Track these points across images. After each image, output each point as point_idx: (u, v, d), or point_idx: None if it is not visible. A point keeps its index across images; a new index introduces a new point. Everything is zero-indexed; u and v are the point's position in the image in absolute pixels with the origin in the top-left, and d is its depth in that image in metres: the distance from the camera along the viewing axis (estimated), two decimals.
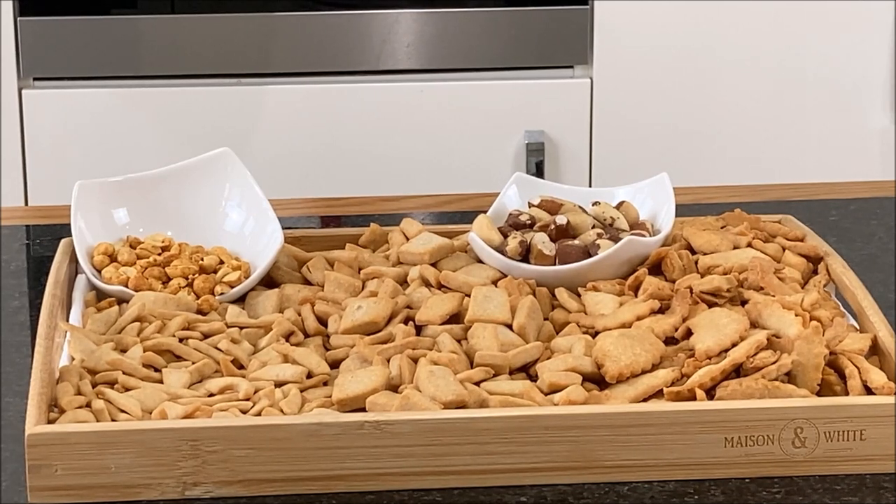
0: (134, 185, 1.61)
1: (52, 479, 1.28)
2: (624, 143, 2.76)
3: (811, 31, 2.74)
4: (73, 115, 2.71)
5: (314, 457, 1.29)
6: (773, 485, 1.31)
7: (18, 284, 1.64)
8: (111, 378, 1.37)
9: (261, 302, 1.50)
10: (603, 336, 1.40)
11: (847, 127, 2.78)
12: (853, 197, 1.82)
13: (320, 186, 2.68)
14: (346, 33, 2.72)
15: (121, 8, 2.71)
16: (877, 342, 1.40)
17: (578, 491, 1.30)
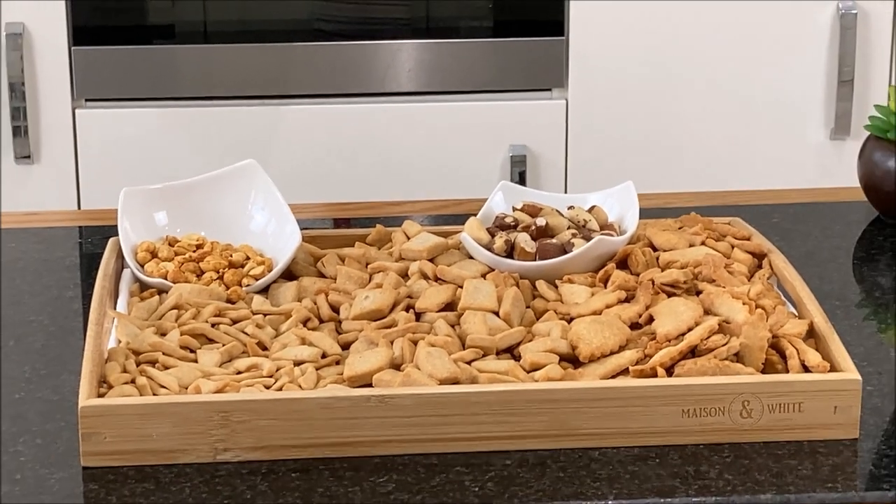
0: (172, 192, 1.61)
1: (101, 446, 1.29)
2: (595, 156, 2.76)
3: (758, 61, 2.74)
4: (120, 131, 2.71)
5: (328, 426, 1.30)
6: (724, 450, 1.31)
7: (72, 277, 1.64)
8: (153, 358, 1.37)
9: (282, 292, 1.50)
10: (577, 322, 1.40)
11: (788, 142, 2.78)
12: (793, 202, 1.82)
13: (332, 192, 2.68)
14: (355, 60, 2.72)
15: (160, 38, 2.71)
16: (813, 327, 1.40)
17: (556, 455, 1.31)
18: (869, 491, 1.26)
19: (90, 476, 1.28)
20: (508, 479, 1.27)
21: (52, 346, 1.49)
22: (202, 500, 1.25)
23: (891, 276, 1.65)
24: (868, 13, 2.74)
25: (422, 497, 1.25)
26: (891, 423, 1.36)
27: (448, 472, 1.28)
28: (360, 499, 1.25)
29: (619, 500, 1.25)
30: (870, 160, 1.77)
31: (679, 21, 2.72)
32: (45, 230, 1.74)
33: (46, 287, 1.61)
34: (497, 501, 1.25)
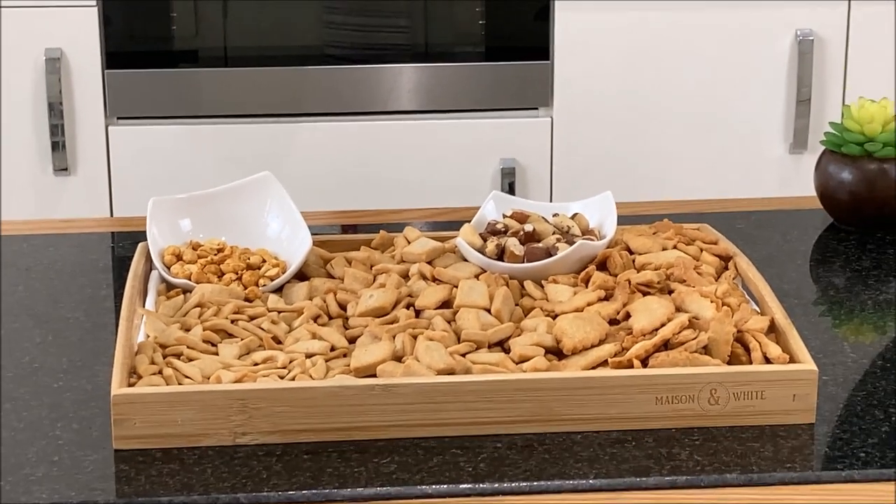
0: (196, 201, 1.61)
1: (131, 430, 1.28)
2: (577, 168, 2.76)
3: (725, 82, 2.75)
4: (148, 146, 2.71)
5: (336, 412, 1.30)
6: (694, 434, 1.31)
7: (105, 278, 1.64)
8: (178, 351, 1.37)
9: (294, 292, 1.50)
10: (561, 318, 1.40)
11: (751, 155, 2.78)
12: (755, 210, 1.82)
13: (340, 201, 2.68)
14: (360, 82, 2.72)
15: (185, 62, 2.71)
16: (774, 322, 1.40)
17: (541, 439, 1.31)
18: (824, 471, 1.26)
19: (121, 458, 1.28)
20: (499, 460, 1.27)
21: (87, 340, 1.49)
22: (223, 479, 1.25)
23: (844, 276, 1.65)
24: (823, 39, 2.74)
25: (421, 476, 1.25)
26: (844, 410, 1.36)
27: (444, 454, 1.28)
28: (365, 478, 1.25)
29: (598, 479, 1.25)
30: (825, 172, 1.77)
31: (653, 46, 2.72)
32: (81, 236, 1.74)
33: (82, 287, 1.61)
34: (488, 480, 1.25)
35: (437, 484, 1.24)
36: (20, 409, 1.35)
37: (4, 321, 1.52)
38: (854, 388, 1.40)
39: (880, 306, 1.57)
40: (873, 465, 1.27)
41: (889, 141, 1.74)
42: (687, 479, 1.25)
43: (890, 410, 1.35)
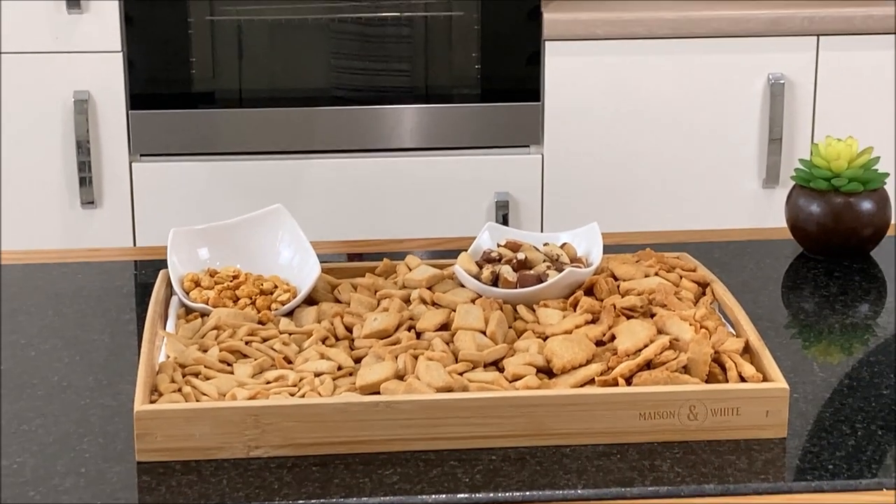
0: (213, 231, 1.61)
1: (153, 444, 1.28)
2: (566, 201, 2.76)
3: (702, 122, 2.75)
4: (169, 181, 2.71)
5: (342, 427, 1.29)
6: (674, 447, 1.31)
7: (128, 303, 1.64)
8: (196, 370, 1.37)
9: (304, 315, 1.50)
10: (551, 339, 1.40)
11: (727, 190, 2.79)
12: (731, 240, 1.83)
13: (347, 231, 2.68)
14: (365, 122, 2.72)
15: (203, 103, 2.72)
16: (748, 344, 1.40)
17: (533, 452, 1.30)
18: (796, 482, 1.26)
19: (143, 469, 1.27)
20: (494, 472, 1.27)
21: (111, 360, 1.49)
22: (237, 489, 1.25)
23: (813, 302, 1.65)
24: (793, 82, 2.74)
25: (421, 486, 1.25)
26: (814, 425, 1.36)
27: (443, 466, 1.28)
28: (369, 488, 1.25)
29: (586, 489, 1.25)
30: (795, 205, 1.77)
31: (636, 88, 2.73)
32: (106, 264, 1.74)
33: (107, 311, 1.61)
34: (484, 491, 1.25)
35: (436, 494, 1.24)
36: (50, 425, 1.35)
37: (36, 343, 1.52)
38: (823, 405, 1.40)
39: (847, 329, 1.57)
40: (841, 476, 1.27)
41: (854, 177, 1.74)
42: (668, 489, 1.25)
43: (857, 426, 1.35)
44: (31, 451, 1.30)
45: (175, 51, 2.68)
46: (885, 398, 1.40)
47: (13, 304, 1.61)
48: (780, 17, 2.71)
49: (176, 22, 2.67)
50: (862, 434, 1.34)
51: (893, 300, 1.65)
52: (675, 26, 2.70)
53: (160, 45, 2.67)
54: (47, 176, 2.70)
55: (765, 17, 2.71)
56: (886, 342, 1.53)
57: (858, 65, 2.74)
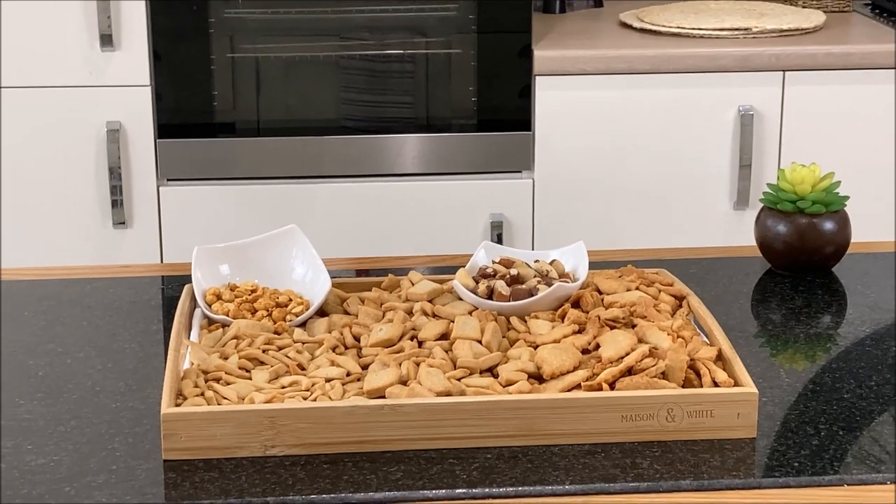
0: (233, 250, 1.61)
1: (178, 443, 1.28)
2: (555, 222, 2.76)
3: (679, 149, 2.75)
4: (193, 203, 2.71)
5: (351, 428, 1.29)
6: (654, 446, 1.31)
7: (156, 315, 1.64)
8: (217, 376, 1.37)
9: (316, 326, 1.50)
10: (541, 348, 1.40)
11: (702, 211, 2.79)
12: (705, 257, 1.83)
13: (355, 249, 2.68)
14: (372, 149, 2.72)
15: (224, 133, 2.72)
16: (721, 352, 1.40)
17: (525, 451, 1.30)
18: (764, 478, 1.26)
19: (169, 467, 1.27)
20: (489, 469, 1.27)
21: (140, 367, 1.49)
22: (255, 485, 1.25)
23: (780, 313, 1.65)
24: (762, 113, 2.75)
25: (423, 483, 1.25)
26: (781, 426, 1.36)
27: (443, 464, 1.28)
28: (375, 484, 1.25)
29: (573, 485, 1.25)
30: (764, 225, 1.77)
31: (619, 119, 2.73)
32: (135, 279, 1.75)
33: (136, 322, 1.61)
34: (480, 486, 1.24)
35: (436, 489, 1.24)
36: (84, 426, 1.35)
37: (72, 352, 1.52)
38: (789, 407, 1.40)
39: (811, 339, 1.57)
40: (806, 473, 1.27)
41: (817, 199, 1.74)
42: (648, 485, 1.25)
43: (820, 426, 1.35)
44: (66, 450, 1.30)
45: (199, 85, 2.68)
46: (846, 402, 1.40)
47: (51, 316, 1.61)
48: (750, 54, 2.71)
49: (200, 58, 2.67)
50: (825, 434, 1.34)
51: (853, 312, 1.65)
52: (655, 63, 2.70)
53: (185, 80, 2.68)
54: (82, 199, 2.70)
55: (735, 54, 2.71)
56: (847, 350, 1.53)
57: (821, 97, 2.75)
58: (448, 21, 2.71)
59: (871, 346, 1.54)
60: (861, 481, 1.26)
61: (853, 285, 1.72)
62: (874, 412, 1.38)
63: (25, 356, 1.50)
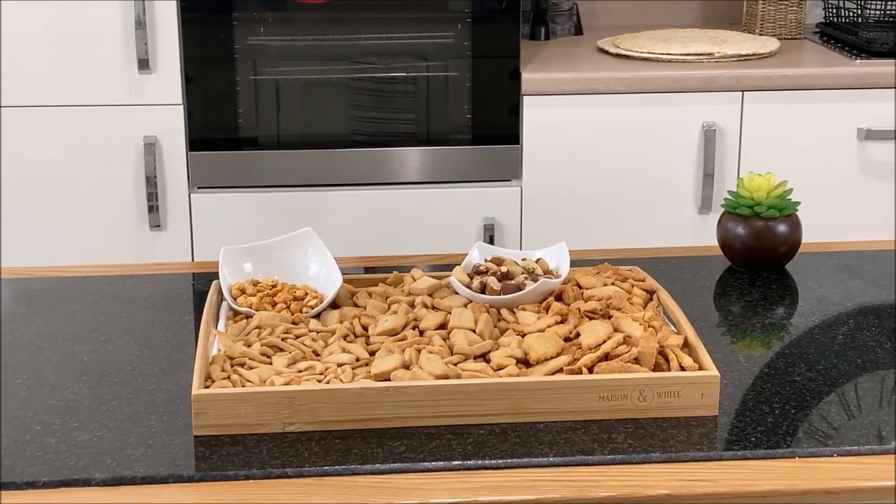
0: (255, 250, 1.61)
1: (206, 421, 1.28)
2: (540, 225, 2.76)
3: (651, 160, 2.75)
4: (221, 208, 2.71)
5: (360, 407, 1.29)
6: (627, 424, 1.31)
7: (187, 307, 1.64)
8: (242, 361, 1.37)
9: (329, 317, 1.50)
10: (528, 336, 1.40)
11: (670, 215, 2.79)
12: (673, 256, 1.83)
13: (364, 249, 2.68)
14: (378, 161, 2.72)
15: (248, 146, 2.72)
16: (687, 340, 1.40)
17: (513, 427, 1.30)
18: (725, 451, 1.26)
19: (199, 442, 1.27)
20: (482, 444, 1.27)
21: (174, 353, 1.49)
22: (275, 457, 1.24)
23: (739, 306, 1.65)
24: (723, 129, 2.75)
25: (423, 455, 1.25)
26: (740, 405, 1.36)
27: (441, 439, 1.28)
28: (381, 457, 1.25)
29: (556, 457, 1.25)
30: (725, 227, 1.77)
31: (597, 133, 2.73)
32: (170, 276, 1.75)
33: (170, 314, 1.61)
34: (474, 458, 1.24)
35: (435, 461, 1.24)
36: (124, 406, 1.35)
37: (113, 340, 1.52)
38: (747, 389, 1.40)
39: (766, 328, 1.57)
40: (762, 446, 1.27)
41: (772, 205, 1.74)
42: (622, 457, 1.25)
43: (774, 405, 1.35)
44: (108, 427, 1.30)
45: (225, 103, 2.68)
46: (797, 383, 1.40)
47: (94, 309, 1.61)
48: (713, 76, 2.72)
49: (226, 80, 2.67)
50: (779, 412, 1.34)
51: (804, 305, 1.65)
52: (628, 84, 2.70)
53: (213, 99, 2.67)
54: (122, 204, 2.70)
55: (700, 77, 2.71)
56: (798, 338, 1.53)
57: (775, 115, 2.75)
58: (446, 48, 2.71)
59: (819, 335, 1.54)
60: (810, 454, 1.26)
61: (804, 281, 1.72)
62: (822, 393, 1.38)
63: (72, 344, 1.50)
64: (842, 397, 1.37)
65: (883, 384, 1.40)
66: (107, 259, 2.69)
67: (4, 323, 1.56)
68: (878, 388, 1.39)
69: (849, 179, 2.79)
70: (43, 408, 1.34)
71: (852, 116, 2.76)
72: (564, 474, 1.23)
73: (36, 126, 2.65)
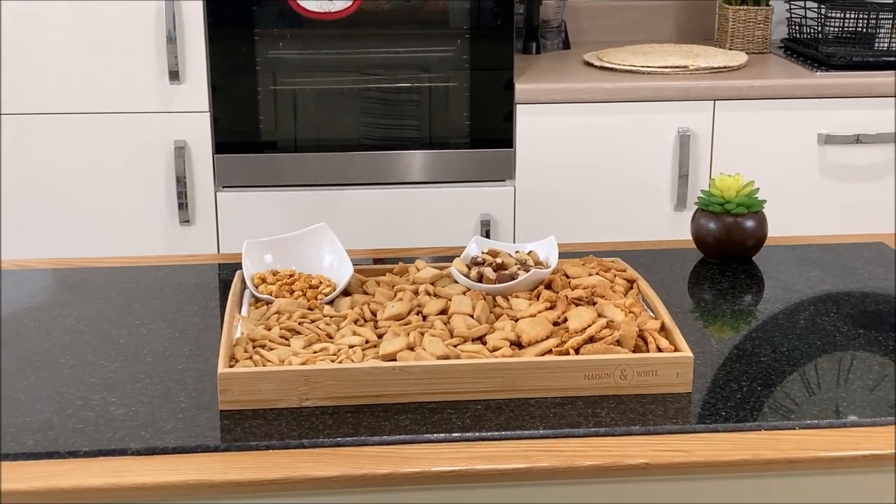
0: (275, 243, 1.61)
1: (231, 397, 1.28)
2: (531, 221, 2.76)
3: (631, 164, 2.75)
4: (244, 205, 2.71)
5: (370, 384, 1.29)
6: (610, 400, 1.31)
7: (214, 294, 1.65)
8: (262, 343, 1.37)
9: (341, 303, 1.50)
10: (521, 321, 1.40)
11: (649, 212, 2.79)
12: (652, 248, 1.83)
13: (372, 242, 2.68)
14: (386, 162, 2.72)
15: (268, 149, 2.71)
16: (664, 324, 1.40)
17: (507, 402, 1.30)
18: (698, 424, 1.26)
19: (224, 416, 1.27)
20: (479, 417, 1.27)
21: (202, 336, 1.49)
22: (292, 429, 1.25)
23: (710, 294, 1.65)
24: (697, 134, 2.74)
25: (426, 428, 1.25)
26: (711, 383, 1.36)
27: (442, 413, 1.28)
28: (388, 429, 1.25)
29: (546, 430, 1.25)
30: (698, 223, 1.77)
31: (584, 138, 2.73)
32: (198, 266, 1.75)
33: (198, 300, 1.61)
34: (472, 431, 1.24)
35: (436, 433, 1.24)
36: (156, 383, 1.35)
37: (147, 324, 1.52)
38: (718, 368, 1.40)
39: (735, 314, 1.57)
40: (731, 420, 1.27)
41: (740, 203, 1.74)
42: (605, 430, 1.25)
43: (742, 383, 1.35)
44: (142, 402, 1.30)
45: (248, 111, 2.68)
46: (763, 364, 1.41)
47: (130, 296, 1.61)
48: (688, 86, 2.71)
49: (248, 90, 2.67)
50: (746, 390, 1.34)
51: (769, 293, 1.65)
52: (611, 94, 2.70)
53: (237, 107, 2.67)
54: (154, 202, 2.69)
55: (676, 87, 2.71)
56: (764, 323, 1.53)
57: (744, 122, 2.75)
58: (447, 61, 2.71)
59: (783, 320, 1.54)
60: (775, 427, 1.26)
61: (769, 271, 1.72)
62: (785, 372, 1.38)
63: (110, 327, 1.50)
64: (803, 376, 1.37)
65: (840, 364, 1.40)
66: (141, 251, 2.69)
67: (48, 309, 1.56)
68: (836, 367, 1.39)
69: (810, 180, 2.79)
70: (84, 385, 1.34)
71: (813, 123, 2.75)
72: (553, 445, 1.23)
73: (77, 131, 2.65)
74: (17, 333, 1.48)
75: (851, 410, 1.29)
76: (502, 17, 2.68)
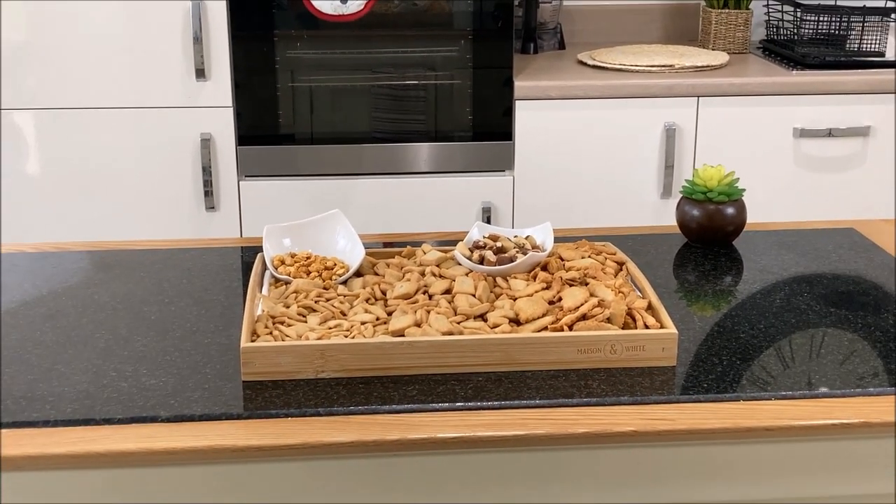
0: (294, 227, 1.61)
1: (253, 369, 1.29)
2: (528, 208, 2.76)
3: (621, 156, 2.74)
4: (265, 193, 2.71)
5: (380, 358, 1.30)
6: (601, 372, 1.31)
7: (237, 275, 1.65)
8: (281, 320, 1.37)
9: (354, 283, 1.50)
10: (519, 300, 1.40)
11: (637, 200, 2.78)
12: (640, 233, 1.82)
13: (383, 228, 2.68)
14: (395, 153, 2.72)
15: (287, 142, 2.71)
16: (651, 303, 1.40)
17: (507, 375, 1.30)
18: (682, 395, 1.26)
19: (247, 386, 1.28)
20: (480, 388, 1.27)
21: (226, 313, 1.49)
22: (309, 399, 1.25)
23: (694, 275, 1.65)
24: (682, 128, 2.74)
25: (431, 398, 1.25)
26: (694, 358, 1.36)
27: (446, 384, 1.28)
28: (397, 399, 1.25)
29: (542, 400, 1.25)
30: (683, 210, 1.77)
31: (579, 132, 2.73)
32: (222, 249, 1.75)
33: (223, 280, 1.61)
34: (474, 401, 1.25)
35: (441, 403, 1.24)
36: (184, 356, 1.35)
37: (176, 301, 1.52)
38: (700, 344, 1.40)
39: (717, 294, 1.57)
40: (712, 391, 1.27)
41: (722, 191, 1.74)
42: (597, 399, 1.25)
43: (723, 358, 1.35)
44: (171, 374, 1.31)
45: (268, 106, 2.68)
46: (742, 340, 1.40)
47: (160, 276, 1.61)
48: (673, 84, 2.70)
49: (269, 87, 2.66)
50: (726, 364, 1.34)
51: (748, 275, 1.65)
52: (603, 91, 2.69)
53: (259, 103, 2.67)
54: (182, 190, 2.69)
55: (663, 84, 2.70)
56: (742, 302, 1.53)
57: (726, 117, 2.74)
58: (451, 60, 2.70)
59: (760, 299, 1.54)
60: (752, 398, 1.26)
61: (748, 255, 1.72)
62: (762, 347, 1.38)
63: (141, 305, 1.51)
64: (778, 351, 1.37)
65: (812, 340, 1.40)
66: (170, 235, 2.69)
67: (85, 288, 1.56)
68: (809, 343, 1.39)
69: (785, 171, 2.79)
70: (117, 358, 1.35)
71: (789, 118, 2.75)
72: (548, 414, 1.23)
73: (112, 125, 2.65)
74: (56, 310, 1.48)
75: (823, 382, 1.29)
76: (502, 20, 2.67)
